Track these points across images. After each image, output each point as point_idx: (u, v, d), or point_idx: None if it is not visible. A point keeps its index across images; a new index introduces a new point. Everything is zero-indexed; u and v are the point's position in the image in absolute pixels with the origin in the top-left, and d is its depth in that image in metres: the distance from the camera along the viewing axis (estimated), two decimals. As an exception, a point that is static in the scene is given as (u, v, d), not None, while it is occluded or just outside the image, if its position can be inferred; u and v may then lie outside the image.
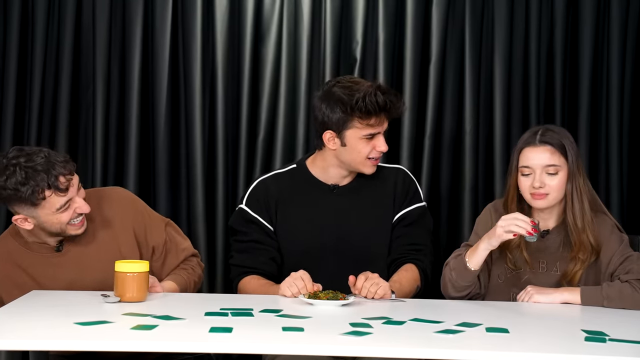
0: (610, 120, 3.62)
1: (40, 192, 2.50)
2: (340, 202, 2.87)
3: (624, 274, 2.61)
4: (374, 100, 2.71)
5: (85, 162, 3.59)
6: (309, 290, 2.54)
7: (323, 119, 2.78)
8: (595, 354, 1.98)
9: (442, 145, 3.62)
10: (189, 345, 2.03)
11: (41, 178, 2.49)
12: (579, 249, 2.67)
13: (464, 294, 2.70)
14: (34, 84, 3.54)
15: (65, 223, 2.58)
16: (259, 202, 2.87)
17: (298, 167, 2.94)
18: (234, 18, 3.59)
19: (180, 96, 3.59)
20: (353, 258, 2.84)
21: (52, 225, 2.58)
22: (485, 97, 3.62)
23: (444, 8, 3.58)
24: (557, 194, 2.68)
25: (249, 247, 2.86)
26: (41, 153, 2.53)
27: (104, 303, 2.42)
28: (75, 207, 2.58)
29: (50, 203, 2.53)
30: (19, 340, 2.04)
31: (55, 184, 2.51)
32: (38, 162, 2.50)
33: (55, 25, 3.56)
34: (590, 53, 3.61)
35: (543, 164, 2.66)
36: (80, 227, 2.63)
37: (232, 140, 3.61)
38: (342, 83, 2.78)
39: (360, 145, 2.78)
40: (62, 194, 2.53)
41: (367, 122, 2.74)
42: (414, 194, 2.92)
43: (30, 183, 2.48)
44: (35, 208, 2.53)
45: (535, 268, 2.73)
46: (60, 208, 2.54)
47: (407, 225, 2.88)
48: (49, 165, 2.51)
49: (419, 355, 2.00)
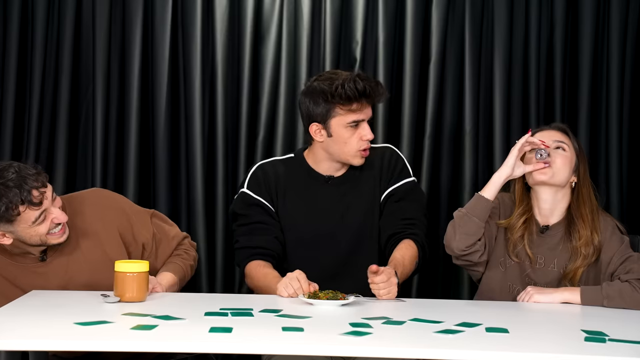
0: (610, 120, 3.62)
1: (14, 209, 2.46)
2: (335, 192, 2.91)
3: (624, 273, 2.62)
4: (352, 86, 2.77)
5: (85, 160, 3.59)
6: (305, 290, 2.55)
7: (308, 112, 2.85)
8: (595, 354, 1.98)
9: (442, 145, 3.62)
10: (189, 345, 2.03)
11: (14, 194, 2.45)
12: (584, 243, 2.69)
13: (470, 243, 2.68)
14: (34, 83, 3.54)
15: (44, 234, 2.56)
16: (259, 184, 2.91)
17: (296, 157, 2.98)
18: (233, 18, 3.59)
19: (180, 96, 3.59)
20: (347, 247, 2.89)
21: (31, 238, 2.56)
22: (485, 96, 3.62)
23: (443, 8, 3.58)
24: (561, 169, 2.71)
25: (253, 228, 2.88)
26: (11, 168, 2.48)
27: (103, 303, 2.42)
28: (52, 217, 2.55)
29: (25, 217, 2.50)
30: (19, 340, 2.04)
31: (29, 199, 2.47)
32: (9, 177, 2.46)
33: (55, 24, 3.56)
34: (590, 52, 3.61)
35: (553, 138, 2.75)
36: (61, 236, 2.60)
37: (232, 139, 3.61)
38: (323, 76, 2.86)
39: (346, 134, 2.82)
40: (36, 207, 2.49)
41: (349, 108, 2.80)
42: (401, 170, 2.96)
43: (2, 200, 2.45)
44: (11, 224, 2.50)
45: (534, 263, 2.75)
46: (36, 220, 2.51)
47: (398, 201, 2.92)
48: (20, 180, 2.47)
49: (419, 355, 2.00)
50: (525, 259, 2.75)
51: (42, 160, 3.55)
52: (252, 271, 2.83)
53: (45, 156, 3.56)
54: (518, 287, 2.74)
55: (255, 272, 2.81)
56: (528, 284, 2.73)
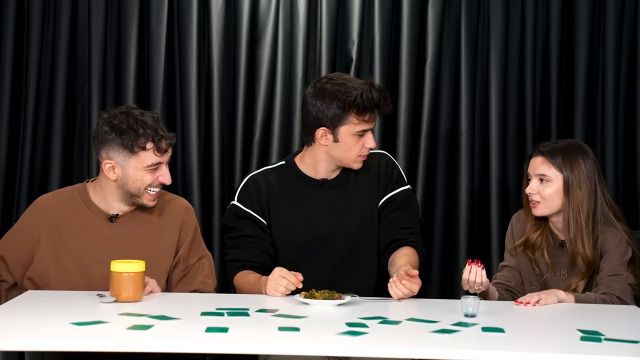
0: (605, 120, 3.63)
1: (143, 142, 2.59)
2: (329, 196, 2.91)
3: (606, 287, 2.67)
4: (370, 96, 2.76)
5: (81, 161, 3.59)
6: (293, 282, 2.56)
7: (317, 115, 2.81)
8: (590, 353, 1.98)
9: (438, 145, 3.63)
10: (185, 345, 2.03)
11: (149, 129, 2.60)
12: (575, 260, 2.75)
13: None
14: (29, 83, 3.54)
15: (144, 186, 2.64)
16: (250, 197, 2.90)
17: (287, 164, 2.97)
18: (229, 18, 3.59)
19: (176, 96, 3.59)
20: (344, 249, 2.89)
21: (133, 183, 2.63)
22: (481, 97, 3.62)
23: (439, 8, 3.59)
24: (548, 203, 2.77)
25: (243, 242, 2.89)
26: (154, 114, 2.66)
27: (99, 303, 2.42)
28: (160, 173, 2.65)
29: (144, 157, 2.61)
30: (15, 340, 2.04)
31: (158, 141, 2.61)
32: (149, 119, 2.63)
33: (50, 25, 3.55)
34: (585, 52, 3.62)
35: (536, 172, 2.79)
36: (153, 200, 2.68)
37: (228, 140, 3.61)
38: (336, 80, 2.83)
39: (352, 141, 2.82)
40: (159, 153, 2.62)
41: (363, 118, 2.79)
42: (397, 178, 2.97)
43: (137, 130, 2.59)
44: (130, 156, 2.60)
45: (557, 275, 2.81)
46: (150, 166, 2.62)
47: (395, 209, 2.92)
48: (157, 126, 2.63)
49: (415, 355, 2.00)
50: (547, 269, 2.81)
51: (37, 161, 3.55)
52: (237, 282, 2.85)
53: (41, 157, 3.56)
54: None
55: (241, 282, 2.83)
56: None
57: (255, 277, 2.77)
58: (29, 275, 2.67)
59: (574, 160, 2.77)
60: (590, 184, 2.75)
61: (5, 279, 2.70)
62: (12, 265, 2.69)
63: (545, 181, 2.76)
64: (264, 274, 2.80)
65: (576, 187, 2.74)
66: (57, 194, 2.80)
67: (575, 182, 2.75)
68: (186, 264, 2.76)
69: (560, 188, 2.76)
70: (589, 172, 2.76)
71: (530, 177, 2.81)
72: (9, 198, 3.56)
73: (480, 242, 3.64)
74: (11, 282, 2.71)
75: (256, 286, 2.72)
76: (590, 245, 2.73)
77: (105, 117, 2.65)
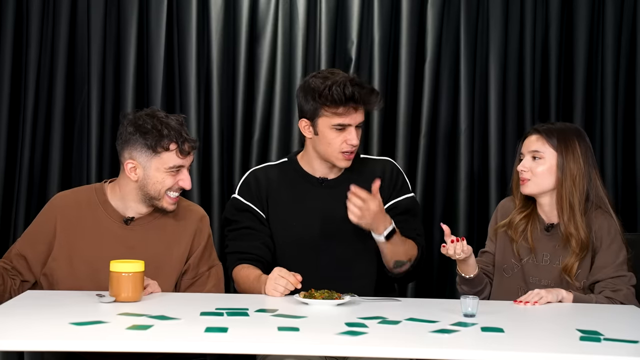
0: (604, 119, 3.63)
1: (167, 143, 2.60)
2: (328, 195, 2.91)
3: (612, 290, 2.65)
4: (340, 90, 2.77)
5: (80, 161, 3.59)
6: (292, 282, 2.56)
7: (300, 107, 2.87)
8: (590, 353, 1.98)
9: (437, 144, 3.63)
10: (184, 346, 2.03)
11: (173, 130, 2.62)
12: (568, 241, 2.72)
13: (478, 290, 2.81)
14: (29, 83, 3.54)
15: (165, 189, 2.64)
16: (251, 191, 2.92)
17: (289, 161, 2.99)
18: (229, 17, 3.59)
19: (175, 95, 3.59)
20: (344, 249, 2.89)
21: (154, 185, 2.63)
22: (480, 96, 3.62)
23: (439, 7, 3.59)
24: (539, 180, 2.75)
25: (242, 234, 2.90)
26: (179, 117, 2.68)
27: (99, 303, 2.42)
28: (181, 177, 2.66)
29: (166, 158, 2.62)
30: (14, 340, 2.04)
31: (182, 143, 2.62)
32: (173, 121, 2.65)
33: (50, 24, 3.56)
34: (584, 51, 3.62)
35: (529, 148, 2.78)
36: (173, 204, 2.68)
37: (227, 139, 3.61)
38: (321, 74, 2.86)
39: (331, 135, 2.82)
40: (181, 155, 2.63)
41: (335, 111, 2.80)
42: (402, 185, 2.98)
43: (162, 131, 2.60)
44: (152, 156, 2.61)
45: (539, 260, 2.78)
46: (172, 168, 2.63)
47: (400, 214, 2.93)
48: (181, 129, 2.65)
49: (414, 355, 2.00)
50: (529, 255, 2.77)
51: (36, 161, 3.55)
52: (236, 275, 2.86)
53: (40, 157, 3.56)
54: (525, 288, 2.75)
55: (239, 276, 2.83)
56: (533, 282, 2.74)
57: (256, 275, 2.76)
58: (44, 271, 2.68)
59: (569, 140, 2.76)
60: (583, 164, 2.74)
61: (27, 279, 2.70)
62: (33, 264, 2.69)
63: (538, 158, 2.75)
64: (263, 266, 2.82)
65: (571, 164, 2.73)
66: (74, 192, 2.80)
67: (571, 159, 2.73)
68: (196, 272, 2.76)
69: (553, 166, 2.74)
70: (584, 153, 2.75)
71: (523, 155, 2.79)
72: (9, 198, 3.56)
73: (479, 241, 3.63)
74: (32, 281, 2.71)
75: (255, 284, 2.72)
76: (583, 226, 2.71)
77: (130, 117, 2.65)
